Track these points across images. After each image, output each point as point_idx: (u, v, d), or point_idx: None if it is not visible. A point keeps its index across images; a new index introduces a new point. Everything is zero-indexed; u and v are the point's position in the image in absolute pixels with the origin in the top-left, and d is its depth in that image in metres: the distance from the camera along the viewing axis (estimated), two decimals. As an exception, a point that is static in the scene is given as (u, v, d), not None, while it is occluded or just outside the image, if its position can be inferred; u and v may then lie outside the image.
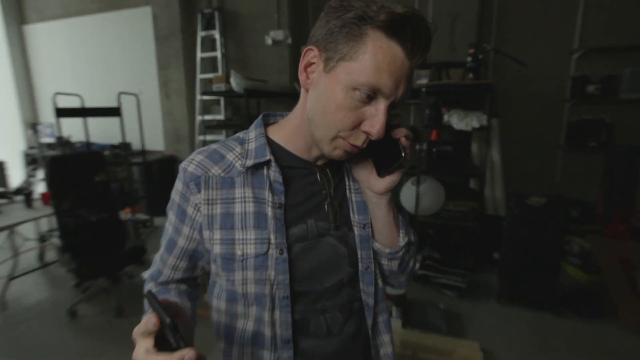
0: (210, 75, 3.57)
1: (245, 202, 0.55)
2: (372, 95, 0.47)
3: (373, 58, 0.45)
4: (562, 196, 2.36)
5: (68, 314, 2.25)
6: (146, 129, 3.78)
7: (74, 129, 4.22)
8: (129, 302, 2.38)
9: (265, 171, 0.56)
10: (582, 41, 2.90)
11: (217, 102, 3.83)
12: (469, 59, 2.51)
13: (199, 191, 0.55)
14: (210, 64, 3.77)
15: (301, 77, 0.52)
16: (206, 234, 0.56)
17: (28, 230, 3.59)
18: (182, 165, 0.57)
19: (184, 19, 3.58)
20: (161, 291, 0.60)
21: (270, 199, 0.55)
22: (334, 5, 0.47)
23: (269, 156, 0.56)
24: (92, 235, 2.40)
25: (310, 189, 0.59)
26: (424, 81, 2.76)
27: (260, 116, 0.62)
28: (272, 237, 0.54)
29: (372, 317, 0.61)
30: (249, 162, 0.56)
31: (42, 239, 3.06)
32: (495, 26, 3.09)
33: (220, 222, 0.55)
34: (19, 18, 4.64)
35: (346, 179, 0.62)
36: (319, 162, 0.59)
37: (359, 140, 0.50)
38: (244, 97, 3.05)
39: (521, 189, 2.86)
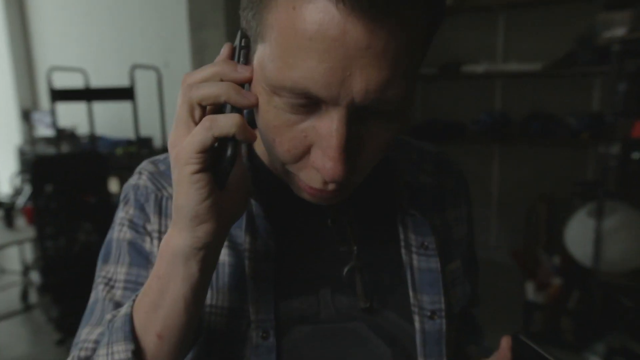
0: None
1: (222, 236, 0.52)
2: (307, 103, 0.40)
3: (283, 34, 0.38)
4: None
5: (47, 380, 2.42)
6: (172, 118, 3.93)
7: (80, 117, 4.29)
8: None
9: None
10: None
11: (272, 79, 3.94)
12: None
13: (156, 215, 0.55)
14: None
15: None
16: None
17: (9, 258, 4.04)
18: (131, 182, 0.58)
19: (227, -45, 3.69)
20: None
21: (247, 245, 0.53)
22: None
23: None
24: (86, 269, 2.57)
25: (318, 239, 0.57)
26: (617, 32, 2.50)
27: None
28: (251, 308, 0.52)
29: None
30: None
31: (26, 271, 3.28)
32: None
33: None
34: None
35: (400, 230, 0.59)
36: None
37: (316, 181, 0.45)
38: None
39: None
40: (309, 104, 0.41)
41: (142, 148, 3.70)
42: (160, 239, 0.53)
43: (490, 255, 3.80)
